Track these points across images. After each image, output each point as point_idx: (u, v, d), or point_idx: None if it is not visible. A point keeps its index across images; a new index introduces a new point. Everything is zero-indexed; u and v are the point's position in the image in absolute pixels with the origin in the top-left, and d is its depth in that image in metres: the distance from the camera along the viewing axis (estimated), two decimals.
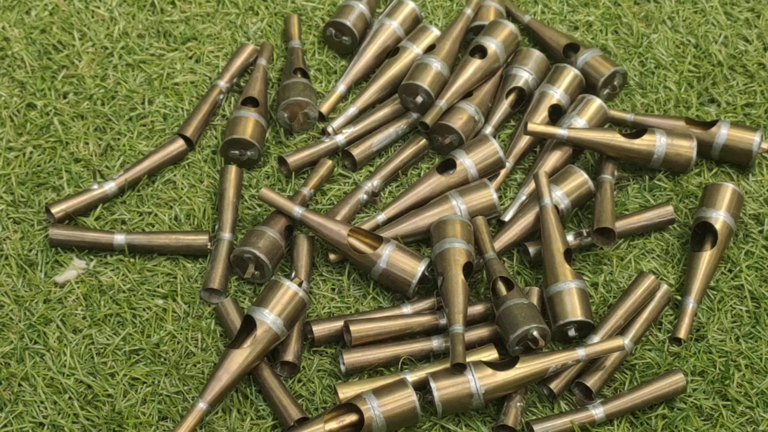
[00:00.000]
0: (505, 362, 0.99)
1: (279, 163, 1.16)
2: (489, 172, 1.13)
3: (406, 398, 0.96)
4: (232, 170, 1.12)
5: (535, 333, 0.98)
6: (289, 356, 1.01)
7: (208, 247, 1.08)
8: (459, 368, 0.97)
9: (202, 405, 0.96)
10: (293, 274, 1.06)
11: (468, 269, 1.04)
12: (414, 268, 1.04)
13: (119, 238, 1.08)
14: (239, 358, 0.97)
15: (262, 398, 1.01)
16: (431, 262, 1.05)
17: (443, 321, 1.03)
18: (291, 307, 0.99)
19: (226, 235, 1.09)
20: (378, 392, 0.96)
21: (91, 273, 1.07)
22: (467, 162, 1.12)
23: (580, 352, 0.98)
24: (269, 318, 0.99)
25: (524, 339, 0.99)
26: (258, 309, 0.97)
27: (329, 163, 1.14)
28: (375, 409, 0.95)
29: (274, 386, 0.99)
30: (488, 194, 1.10)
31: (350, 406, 0.97)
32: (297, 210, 1.07)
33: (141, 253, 1.09)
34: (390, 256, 1.04)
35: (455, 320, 0.99)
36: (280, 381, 1.00)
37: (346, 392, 0.98)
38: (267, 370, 1.00)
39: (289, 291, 0.96)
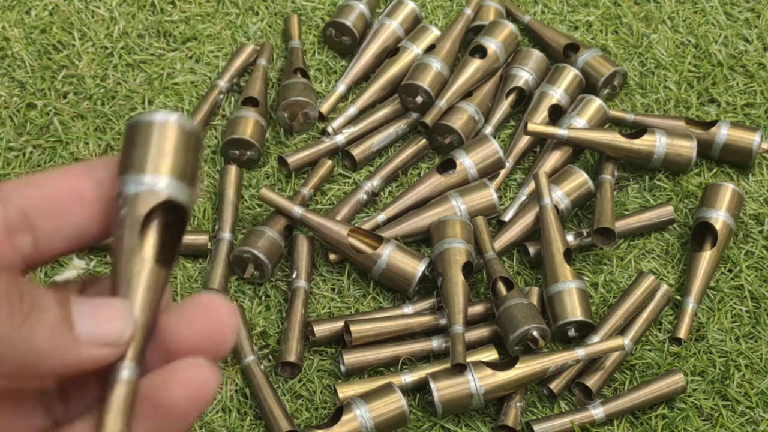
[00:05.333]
0: (505, 362, 0.99)
1: (279, 163, 1.16)
2: (489, 172, 1.13)
3: (395, 402, 0.96)
4: (232, 170, 1.12)
5: (534, 333, 0.98)
6: (291, 357, 1.01)
7: (208, 247, 1.08)
8: (459, 368, 0.97)
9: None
10: (294, 274, 1.06)
11: (468, 269, 1.04)
12: (414, 267, 1.04)
13: None
14: None
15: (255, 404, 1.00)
16: (431, 261, 1.05)
17: (443, 321, 1.03)
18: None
19: (226, 235, 1.09)
20: (366, 397, 0.96)
21: (91, 273, 1.07)
22: (467, 162, 1.12)
23: (580, 352, 0.98)
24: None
25: (524, 339, 0.99)
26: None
27: (329, 163, 1.14)
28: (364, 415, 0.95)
29: (267, 395, 0.99)
30: (488, 194, 1.10)
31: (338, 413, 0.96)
32: (297, 210, 1.07)
33: None
34: (390, 256, 1.04)
35: (455, 320, 0.99)
36: (273, 390, 0.99)
37: (346, 392, 0.98)
38: (261, 379, 0.99)
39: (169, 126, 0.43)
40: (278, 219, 1.08)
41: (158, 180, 0.40)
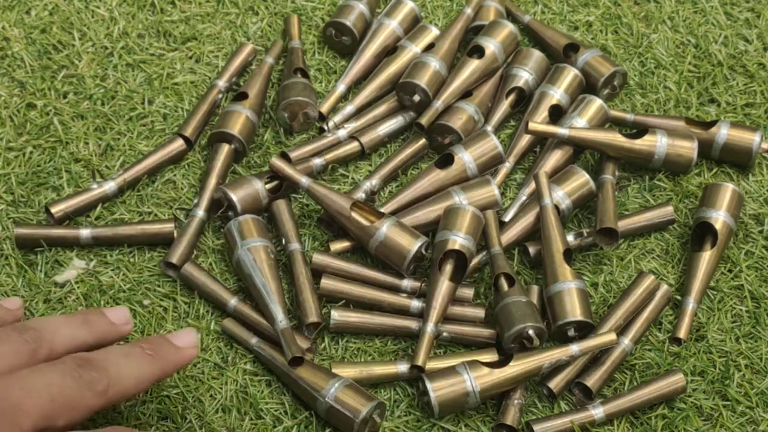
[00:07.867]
0: (500, 360, 0.99)
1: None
2: (488, 167, 1.13)
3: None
4: (224, 149, 1.13)
5: (530, 332, 0.98)
6: (313, 317, 1.02)
7: (175, 236, 1.08)
8: (417, 370, 0.98)
9: None
10: (282, 241, 1.06)
11: (462, 267, 1.04)
12: (410, 243, 1.04)
13: (85, 233, 1.08)
14: None
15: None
16: (430, 243, 1.05)
17: (415, 303, 1.04)
18: None
19: (201, 212, 1.09)
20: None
21: (91, 273, 1.07)
22: (466, 157, 1.12)
23: (574, 348, 0.98)
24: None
25: (519, 337, 0.99)
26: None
27: None
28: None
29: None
30: (490, 191, 1.10)
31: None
32: (305, 181, 1.08)
33: (108, 246, 1.08)
34: (389, 229, 1.04)
35: (429, 318, 0.99)
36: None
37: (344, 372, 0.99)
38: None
39: None
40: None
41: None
